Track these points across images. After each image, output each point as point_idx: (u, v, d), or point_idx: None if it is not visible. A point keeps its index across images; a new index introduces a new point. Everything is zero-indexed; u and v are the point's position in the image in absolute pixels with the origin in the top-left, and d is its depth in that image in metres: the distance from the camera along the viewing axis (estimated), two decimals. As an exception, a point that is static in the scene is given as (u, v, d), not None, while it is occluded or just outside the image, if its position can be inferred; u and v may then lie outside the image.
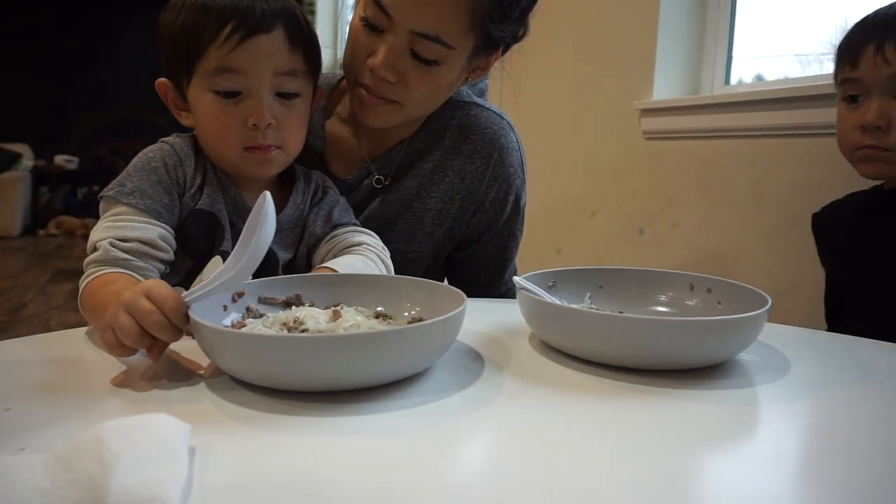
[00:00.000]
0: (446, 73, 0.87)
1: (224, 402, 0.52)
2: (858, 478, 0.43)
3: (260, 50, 0.74)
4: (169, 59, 0.78)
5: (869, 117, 0.92)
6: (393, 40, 0.83)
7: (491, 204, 1.01)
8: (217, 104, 0.76)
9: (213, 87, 0.75)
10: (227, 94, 0.75)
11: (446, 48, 0.84)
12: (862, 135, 0.94)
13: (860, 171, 0.98)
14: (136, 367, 0.60)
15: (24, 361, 0.61)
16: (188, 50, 0.75)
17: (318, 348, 0.51)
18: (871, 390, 0.59)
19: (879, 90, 0.92)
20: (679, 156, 1.88)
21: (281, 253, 0.83)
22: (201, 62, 0.75)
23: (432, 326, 0.55)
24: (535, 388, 0.57)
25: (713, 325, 0.60)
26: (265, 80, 0.75)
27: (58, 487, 0.35)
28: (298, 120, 0.81)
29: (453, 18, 0.82)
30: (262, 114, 0.75)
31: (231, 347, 0.54)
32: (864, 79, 0.93)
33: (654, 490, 0.41)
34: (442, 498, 0.39)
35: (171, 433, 0.39)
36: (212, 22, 0.73)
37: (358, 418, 0.50)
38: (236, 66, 0.74)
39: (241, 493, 0.39)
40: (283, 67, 0.76)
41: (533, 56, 1.02)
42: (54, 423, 0.48)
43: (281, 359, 0.51)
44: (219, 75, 0.74)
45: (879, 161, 0.94)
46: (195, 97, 0.77)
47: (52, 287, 3.92)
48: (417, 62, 0.84)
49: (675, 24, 1.96)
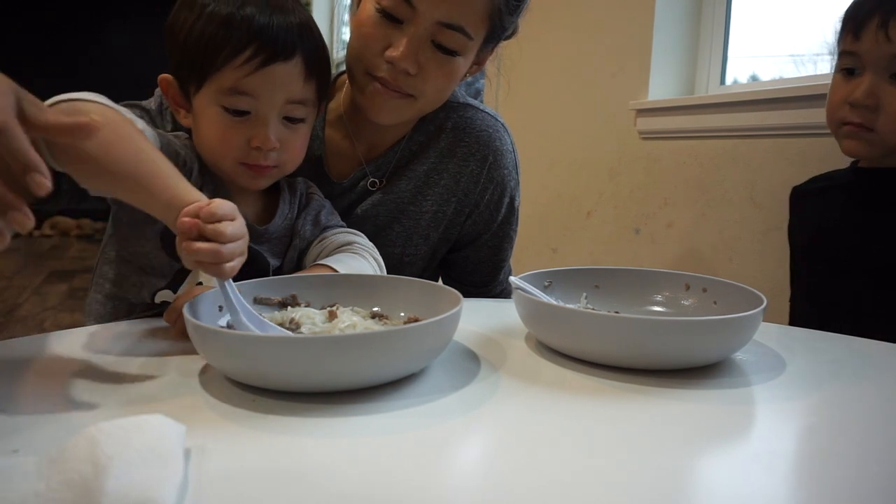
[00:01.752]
0: (462, 65, 0.88)
1: (219, 402, 0.52)
2: (854, 477, 0.43)
3: (277, 78, 0.74)
4: (179, 62, 0.76)
5: (858, 94, 0.90)
6: (414, 31, 0.82)
7: (486, 206, 1.01)
8: (223, 119, 0.75)
9: (222, 103, 0.74)
10: (235, 112, 0.74)
11: (467, 38, 0.84)
12: (850, 111, 0.92)
13: (842, 146, 0.96)
14: (130, 367, 0.60)
15: (18, 362, 0.61)
16: (203, 61, 0.73)
17: (313, 349, 0.51)
18: (867, 389, 0.59)
19: (875, 68, 0.89)
20: (674, 156, 1.88)
21: (271, 260, 0.83)
22: (216, 77, 0.73)
23: (428, 327, 0.55)
24: (531, 388, 0.57)
25: (709, 324, 0.60)
26: (276, 106, 0.75)
27: (51, 489, 0.35)
28: (301, 143, 0.81)
29: (475, 8, 0.82)
30: (268, 138, 0.75)
31: (226, 348, 0.54)
32: (863, 53, 0.90)
33: (649, 489, 0.41)
34: (438, 498, 0.39)
35: (166, 434, 0.39)
36: (233, 39, 0.72)
37: (354, 419, 0.50)
38: (250, 89, 0.73)
39: (237, 495, 0.39)
40: (296, 96, 0.76)
41: (528, 56, 1.02)
42: (48, 425, 0.47)
43: (276, 360, 0.51)
44: (231, 95, 0.73)
45: (862, 140, 0.92)
46: (202, 105, 0.76)
47: (46, 288, 3.90)
48: (438, 53, 0.84)
49: (670, 24, 1.97)
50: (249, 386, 0.54)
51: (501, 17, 0.85)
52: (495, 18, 0.85)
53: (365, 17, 0.84)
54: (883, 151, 0.93)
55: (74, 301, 3.59)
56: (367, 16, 0.84)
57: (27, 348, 0.65)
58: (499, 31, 0.89)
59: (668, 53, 1.98)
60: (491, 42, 0.90)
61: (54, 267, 4.52)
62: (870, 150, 0.93)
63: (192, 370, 0.59)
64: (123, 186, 0.63)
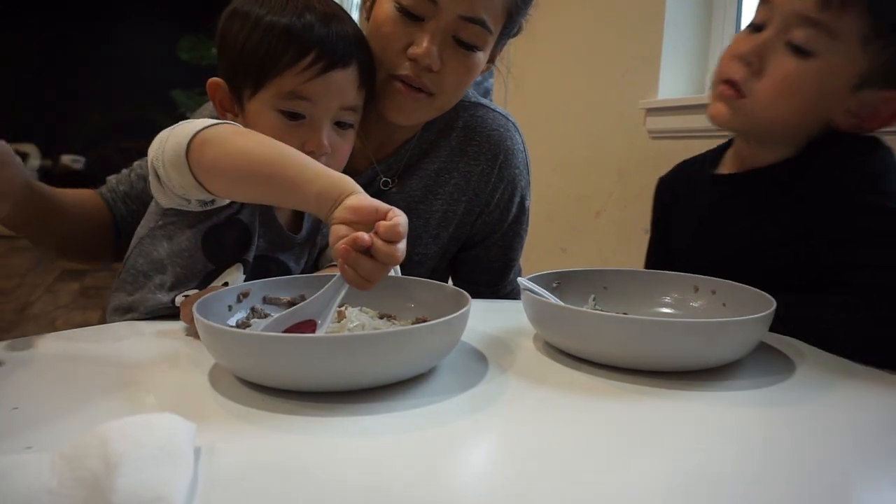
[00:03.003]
0: (481, 60, 0.88)
1: (229, 401, 0.52)
2: (864, 479, 0.43)
3: (335, 85, 0.77)
4: (234, 68, 0.78)
5: (746, 49, 0.75)
6: (436, 27, 0.82)
7: (496, 205, 1.01)
8: (280, 123, 0.77)
9: (279, 107, 0.76)
10: (290, 116, 0.76)
11: (488, 32, 0.84)
12: (731, 65, 0.77)
13: (708, 109, 0.80)
14: (142, 365, 0.60)
15: (31, 361, 0.61)
16: (263, 66, 0.75)
17: (321, 349, 0.51)
18: (877, 392, 0.59)
19: (778, 21, 0.74)
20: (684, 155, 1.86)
21: (295, 267, 0.84)
22: (275, 81, 0.76)
23: (435, 327, 0.55)
24: (539, 390, 0.57)
25: (718, 326, 0.60)
26: (331, 112, 0.78)
27: (63, 486, 0.35)
28: (348, 148, 0.83)
29: (495, 1, 0.83)
30: (321, 143, 0.77)
31: (236, 347, 0.54)
32: (775, 5, 0.75)
33: (659, 491, 0.41)
34: (446, 499, 0.39)
35: (176, 433, 0.40)
36: (295, 45, 0.75)
37: (362, 418, 0.50)
38: (309, 94, 0.76)
39: (246, 493, 0.39)
40: (349, 103, 0.79)
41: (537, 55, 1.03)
42: (60, 423, 0.48)
43: (285, 359, 0.52)
44: (290, 99, 0.76)
45: (731, 108, 0.77)
46: (257, 110, 0.78)
47: (58, 286, 3.93)
48: (459, 49, 0.84)
49: (680, 23, 1.96)
50: (259, 385, 0.55)
51: (518, 10, 0.87)
52: (513, 12, 0.86)
53: (384, 17, 0.84)
54: (747, 125, 0.79)
55: (86, 299, 3.62)
56: (386, 16, 0.84)
57: (39, 346, 0.66)
58: (512, 26, 0.89)
59: (679, 52, 1.97)
60: (504, 37, 0.91)
61: (66, 265, 4.56)
62: (735, 120, 0.78)
63: (203, 369, 0.59)
64: (268, 186, 0.63)
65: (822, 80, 0.74)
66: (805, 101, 0.75)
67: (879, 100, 0.75)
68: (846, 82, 0.74)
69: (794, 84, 0.74)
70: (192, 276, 0.77)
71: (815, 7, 0.71)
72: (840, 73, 0.73)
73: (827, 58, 0.73)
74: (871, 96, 0.74)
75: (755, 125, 0.78)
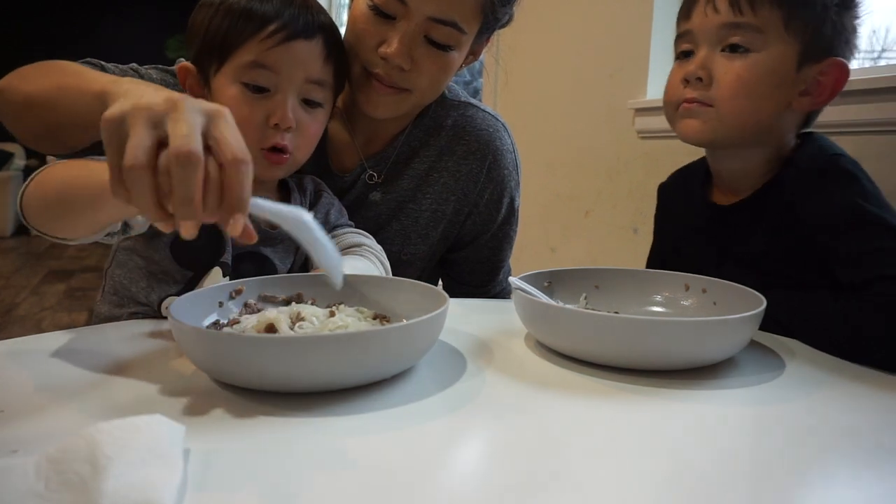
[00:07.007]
0: (457, 58, 0.88)
1: (217, 403, 0.52)
2: (854, 477, 0.44)
3: (298, 54, 0.76)
4: (200, 46, 0.78)
5: (692, 67, 0.81)
6: (406, 27, 0.82)
7: (485, 206, 1.01)
8: (243, 96, 0.75)
9: (242, 78, 0.75)
10: (254, 89, 0.75)
11: (460, 32, 0.84)
12: (685, 88, 0.82)
13: (680, 131, 0.84)
14: (130, 367, 0.59)
15: (17, 362, 0.61)
16: (226, 39, 0.75)
17: (291, 349, 0.51)
18: (867, 389, 0.59)
19: (707, 41, 0.80)
20: (673, 155, 1.87)
21: (280, 264, 0.83)
22: (238, 53, 0.75)
23: (408, 328, 0.55)
24: (530, 389, 0.57)
25: (709, 325, 0.60)
26: (296, 83, 0.76)
27: (50, 490, 0.35)
28: (316, 129, 0.81)
29: (466, 3, 0.83)
30: (286, 115, 0.76)
31: (205, 347, 0.53)
32: (695, 30, 0.82)
33: (649, 490, 0.41)
34: (435, 496, 0.39)
35: (165, 435, 0.39)
36: (257, 16, 0.75)
37: (346, 418, 0.50)
38: (271, 63, 0.75)
39: (235, 495, 0.38)
40: (315, 76, 0.77)
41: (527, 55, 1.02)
42: (47, 425, 0.47)
43: (258, 360, 0.51)
44: (252, 69, 0.75)
45: (700, 119, 0.81)
46: (221, 85, 0.77)
47: (44, 287, 3.89)
48: (431, 48, 0.84)
49: (669, 23, 1.95)
50: (243, 388, 0.54)
51: (494, 8, 0.85)
52: (488, 11, 0.85)
53: (358, 13, 0.85)
54: (721, 132, 0.81)
55: (72, 301, 3.58)
56: (360, 12, 0.84)
57: (25, 348, 0.65)
58: (492, 23, 0.89)
59: (667, 52, 1.97)
60: (486, 33, 0.91)
61: (52, 267, 4.52)
62: (706, 128, 0.81)
63: (190, 370, 0.59)
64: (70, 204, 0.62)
65: (769, 70, 0.78)
66: (762, 95, 0.79)
67: (817, 73, 0.80)
68: (790, 66, 0.79)
69: (747, 82, 0.78)
70: (172, 283, 0.77)
71: (730, 14, 0.79)
72: (781, 59, 0.79)
73: (764, 50, 0.78)
74: (811, 71, 0.79)
75: (728, 131, 0.81)
